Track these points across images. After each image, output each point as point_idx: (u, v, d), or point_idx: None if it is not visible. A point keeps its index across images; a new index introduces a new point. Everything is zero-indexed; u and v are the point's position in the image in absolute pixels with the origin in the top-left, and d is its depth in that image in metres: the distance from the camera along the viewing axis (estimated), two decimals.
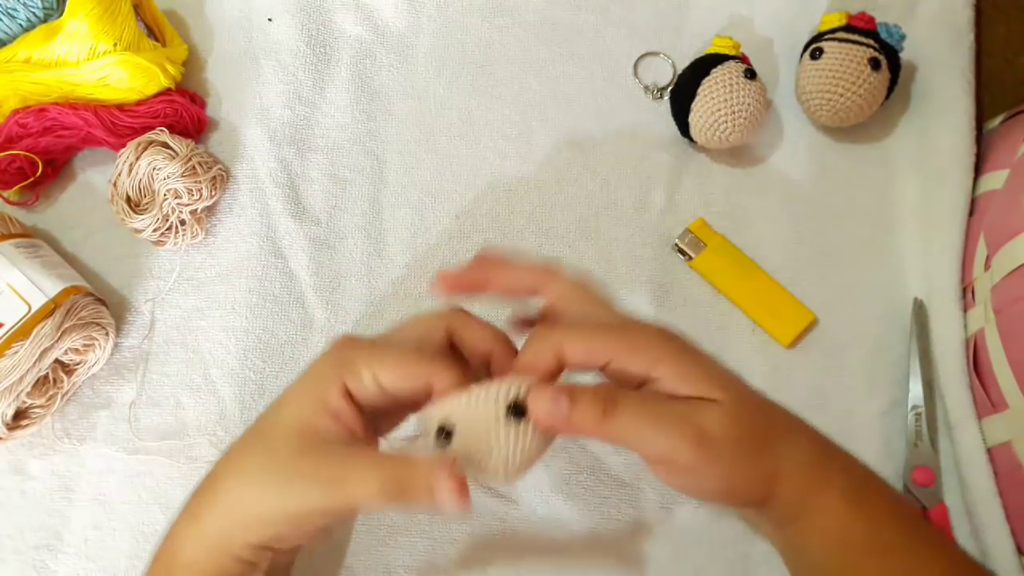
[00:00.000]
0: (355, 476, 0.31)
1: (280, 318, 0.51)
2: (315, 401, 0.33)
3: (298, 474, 0.32)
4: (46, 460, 0.48)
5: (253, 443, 0.34)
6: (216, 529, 0.33)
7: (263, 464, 0.33)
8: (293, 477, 0.32)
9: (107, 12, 0.49)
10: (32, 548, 0.46)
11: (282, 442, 0.32)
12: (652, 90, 0.55)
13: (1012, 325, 0.43)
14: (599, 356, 0.31)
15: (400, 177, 0.54)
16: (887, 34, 0.49)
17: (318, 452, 0.32)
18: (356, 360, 0.33)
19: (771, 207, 0.52)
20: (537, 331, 0.33)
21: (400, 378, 0.33)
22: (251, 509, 0.32)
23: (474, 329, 0.36)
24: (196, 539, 0.33)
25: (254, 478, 0.32)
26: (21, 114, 0.50)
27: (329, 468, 0.31)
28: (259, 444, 0.34)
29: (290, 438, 0.32)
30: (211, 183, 0.50)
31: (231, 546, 0.33)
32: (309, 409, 0.33)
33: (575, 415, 0.30)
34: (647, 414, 0.31)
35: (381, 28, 0.57)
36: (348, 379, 0.33)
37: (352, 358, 0.33)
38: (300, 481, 0.31)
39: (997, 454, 0.44)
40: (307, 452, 0.32)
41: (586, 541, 0.46)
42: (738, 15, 0.56)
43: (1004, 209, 0.46)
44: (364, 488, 0.31)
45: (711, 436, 0.30)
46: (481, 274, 0.35)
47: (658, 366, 0.31)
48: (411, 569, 0.46)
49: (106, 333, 0.48)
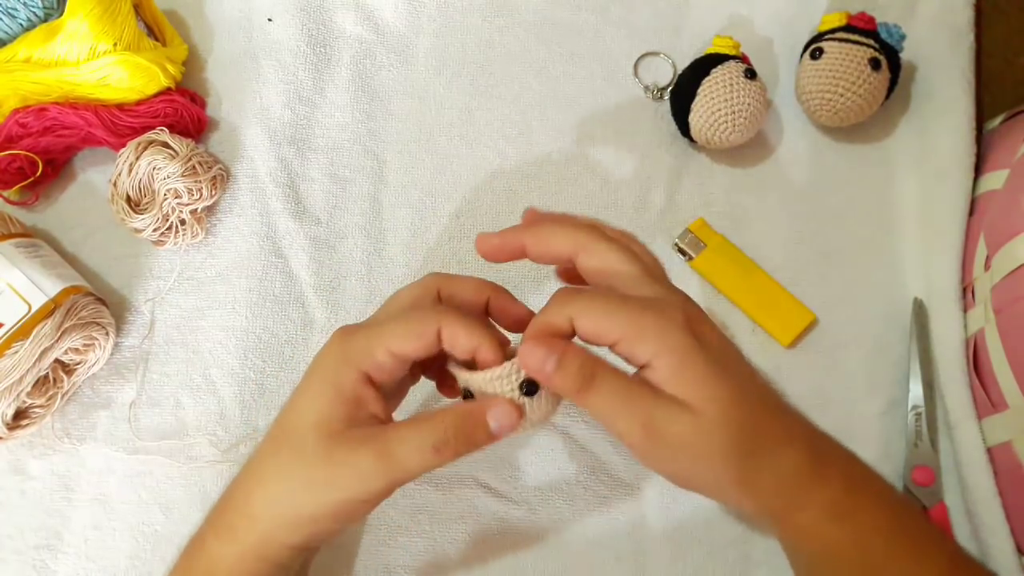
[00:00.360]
0: (402, 446, 0.31)
1: (280, 318, 0.51)
2: (333, 393, 0.33)
3: (338, 465, 0.32)
4: (46, 460, 0.48)
5: (277, 449, 0.34)
6: (255, 539, 0.33)
7: (296, 465, 0.32)
8: (334, 470, 0.32)
9: (107, 12, 0.49)
10: (32, 548, 0.46)
11: (311, 441, 0.32)
12: (652, 90, 0.55)
13: (1012, 325, 0.43)
14: (607, 337, 0.31)
15: (400, 177, 0.54)
16: (887, 34, 0.49)
17: (354, 439, 0.32)
18: (366, 343, 0.33)
19: (771, 207, 0.52)
20: (557, 296, 0.33)
21: (414, 338, 0.33)
22: (294, 511, 0.32)
23: (461, 285, 0.36)
24: (234, 553, 0.33)
25: (291, 480, 0.32)
26: (21, 114, 0.50)
27: (371, 449, 0.31)
28: (285, 448, 0.33)
29: (319, 435, 0.32)
30: (211, 183, 0.50)
31: (270, 551, 0.33)
32: (328, 402, 0.33)
33: (556, 379, 0.31)
34: (616, 397, 0.31)
35: (381, 28, 0.57)
36: (363, 363, 0.33)
37: (361, 343, 0.33)
38: (343, 472, 0.31)
39: (997, 454, 0.44)
40: (340, 443, 0.32)
41: (586, 541, 0.46)
42: (738, 15, 0.56)
43: (1004, 209, 0.46)
44: (415, 455, 0.31)
45: (666, 437, 0.30)
46: (519, 240, 0.35)
47: (657, 359, 0.31)
48: (411, 569, 0.46)
49: (106, 333, 0.48)
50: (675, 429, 0.30)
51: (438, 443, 0.31)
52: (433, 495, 0.47)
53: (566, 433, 0.48)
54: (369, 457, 0.31)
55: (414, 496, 0.47)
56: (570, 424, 0.48)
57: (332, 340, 0.35)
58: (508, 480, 0.47)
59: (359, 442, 0.32)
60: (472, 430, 0.32)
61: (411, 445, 0.31)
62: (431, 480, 0.47)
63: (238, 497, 0.34)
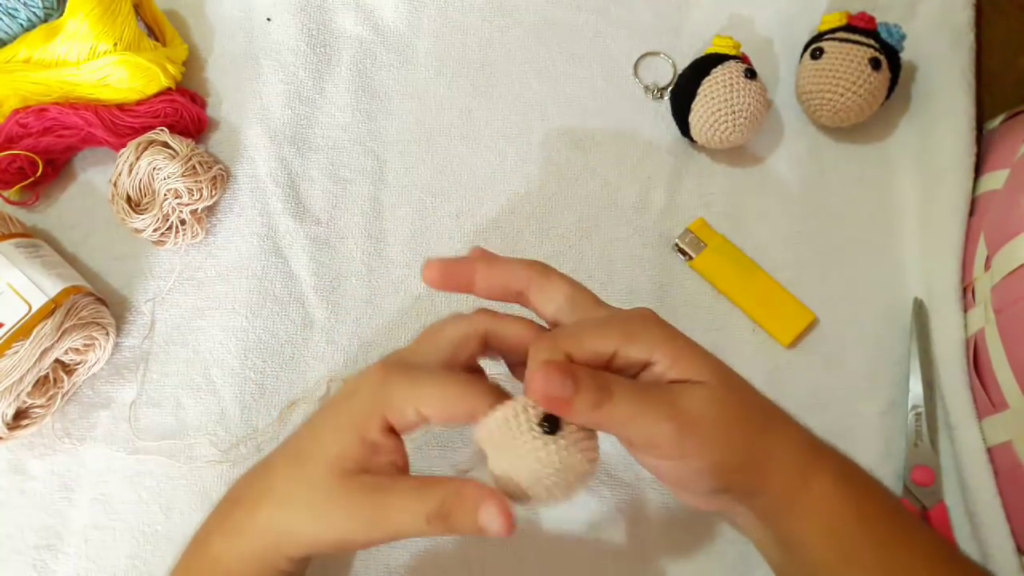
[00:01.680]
0: (397, 508, 0.32)
1: (280, 318, 0.51)
2: (355, 435, 0.33)
3: (340, 508, 0.32)
4: (46, 460, 0.48)
5: (291, 472, 0.34)
6: (260, 546, 0.34)
7: (304, 495, 0.33)
8: (335, 511, 0.32)
9: (107, 12, 0.49)
10: (32, 548, 0.46)
11: (322, 474, 0.33)
12: (652, 90, 0.55)
13: (1012, 325, 0.43)
14: (605, 349, 0.32)
15: (400, 177, 0.54)
16: (887, 34, 0.49)
17: (359, 487, 0.32)
18: (397, 394, 0.33)
19: (771, 207, 0.52)
20: (540, 343, 0.33)
21: (443, 410, 0.32)
22: (294, 535, 0.33)
23: (512, 328, 0.35)
24: (239, 555, 0.34)
25: (296, 508, 0.33)
26: (21, 114, 0.50)
27: (371, 502, 0.32)
28: (298, 473, 0.34)
29: (331, 471, 0.32)
30: (211, 183, 0.50)
31: (275, 560, 0.34)
32: (349, 442, 0.33)
33: (577, 399, 0.30)
34: (636, 397, 0.31)
35: (381, 28, 0.57)
36: (389, 414, 0.33)
37: (392, 393, 0.33)
38: (342, 515, 0.32)
39: (997, 454, 0.44)
40: (348, 486, 0.32)
41: (586, 541, 0.46)
42: (738, 15, 0.56)
43: (1004, 209, 0.46)
44: (408, 521, 0.31)
45: (694, 418, 0.31)
46: (468, 271, 0.35)
47: (655, 352, 0.32)
48: (411, 569, 0.46)
49: (106, 333, 0.48)
50: (697, 406, 0.31)
51: (431, 515, 0.31)
52: None
53: None
54: (367, 510, 0.32)
55: None
56: None
57: (373, 375, 0.34)
58: None
59: (364, 492, 0.32)
60: (461, 514, 0.31)
61: (407, 512, 0.31)
62: None
63: (247, 502, 0.35)
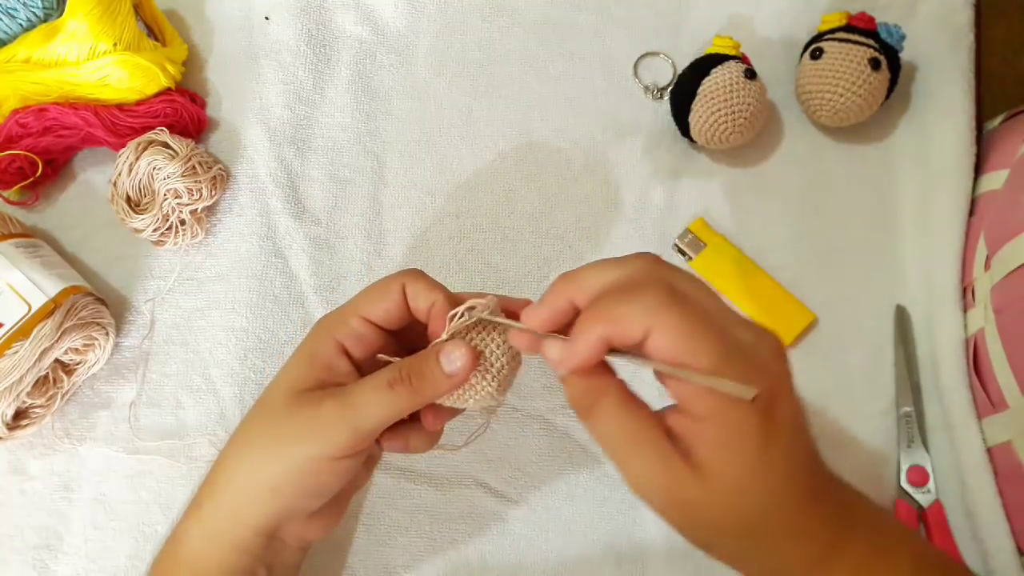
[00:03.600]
0: (359, 391, 0.32)
1: (280, 318, 0.51)
2: (307, 360, 0.34)
3: (299, 424, 0.32)
4: (46, 460, 0.48)
5: (251, 417, 0.35)
6: (221, 515, 0.33)
7: (262, 430, 0.33)
8: (296, 425, 0.32)
9: (107, 12, 0.49)
10: (32, 548, 0.46)
11: (279, 402, 0.33)
12: (652, 90, 0.55)
13: (1012, 325, 0.43)
14: None
15: (400, 177, 0.54)
16: (887, 34, 0.49)
17: (315, 397, 0.33)
18: (339, 313, 0.35)
19: (771, 207, 0.52)
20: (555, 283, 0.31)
21: (382, 298, 0.34)
22: (255, 480, 0.32)
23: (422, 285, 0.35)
24: (199, 531, 0.33)
25: (254, 446, 0.33)
26: (21, 114, 0.50)
27: (331, 401, 0.32)
28: (256, 415, 0.34)
29: (287, 395, 0.33)
30: (211, 183, 0.50)
31: (236, 535, 0.32)
32: (301, 368, 0.34)
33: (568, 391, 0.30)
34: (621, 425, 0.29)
35: (381, 28, 0.57)
36: (338, 331, 0.34)
37: (335, 315, 0.35)
38: (304, 424, 0.32)
39: (997, 454, 0.44)
40: (305, 400, 0.33)
41: (586, 541, 0.46)
42: (738, 15, 0.56)
43: (1004, 209, 0.46)
44: (370, 398, 0.32)
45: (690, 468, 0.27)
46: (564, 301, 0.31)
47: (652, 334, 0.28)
48: (411, 569, 0.46)
49: (106, 333, 0.48)
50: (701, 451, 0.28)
51: (392, 379, 0.32)
52: (433, 495, 0.47)
53: (566, 433, 0.48)
54: (329, 407, 0.32)
55: (414, 496, 0.47)
56: (570, 425, 0.48)
57: (314, 325, 0.36)
58: (508, 480, 0.47)
59: (322, 397, 0.33)
60: (423, 366, 0.32)
61: (367, 387, 0.32)
62: (431, 480, 0.47)
63: (208, 477, 0.35)
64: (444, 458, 0.47)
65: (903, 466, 0.46)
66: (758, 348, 0.28)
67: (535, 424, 0.48)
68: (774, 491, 0.27)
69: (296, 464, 0.32)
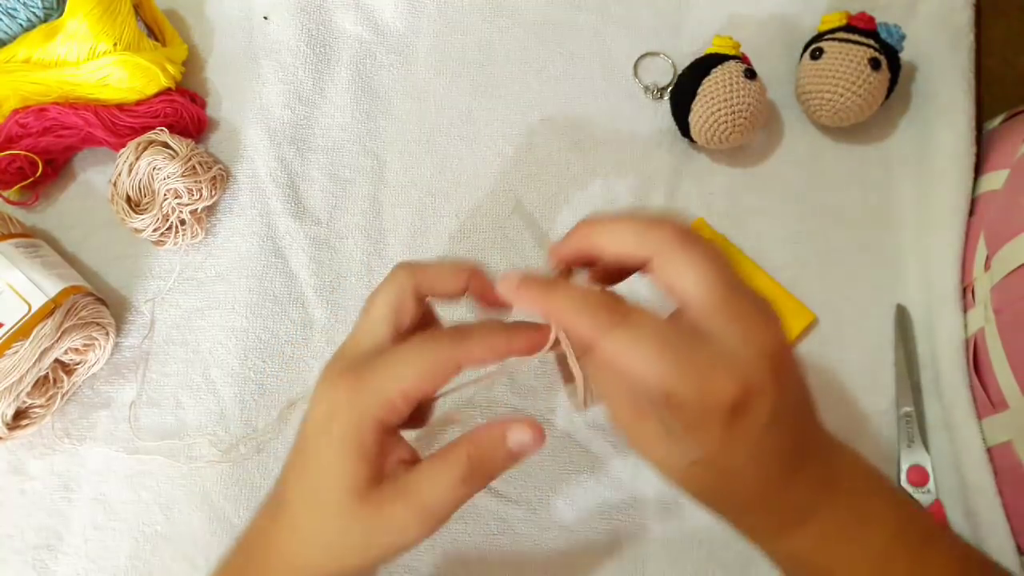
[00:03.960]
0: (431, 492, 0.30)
1: (280, 318, 0.51)
2: (357, 453, 0.30)
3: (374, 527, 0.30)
4: (46, 460, 0.48)
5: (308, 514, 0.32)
6: None
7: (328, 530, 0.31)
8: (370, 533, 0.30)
9: (107, 12, 0.49)
10: (32, 548, 0.46)
11: (342, 507, 0.30)
12: (652, 90, 0.55)
13: (1012, 325, 0.42)
14: None
15: (400, 177, 0.54)
16: (887, 34, 0.49)
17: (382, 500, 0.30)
18: (379, 389, 0.30)
19: (771, 207, 0.52)
20: None
21: (433, 378, 0.31)
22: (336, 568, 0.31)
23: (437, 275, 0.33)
24: None
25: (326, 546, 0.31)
26: (21, 114, 0.50)
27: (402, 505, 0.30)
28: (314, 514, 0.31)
29: (349, 500, 0.30)
30: (211, 183, 0.50)
31: None
32: (353, 464, 0.30)
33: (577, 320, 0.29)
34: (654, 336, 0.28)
35: (381, 28, 0.57)
36: (380, 413, 0.30)
37: (369, 393, 0.31)
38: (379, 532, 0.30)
39: (997, 454, 0.44)
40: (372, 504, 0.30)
41: (586, 541, 0.46)
42: (738, 15, 0.56)
43: (1004, 209, 0.46)
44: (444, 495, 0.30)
45: None
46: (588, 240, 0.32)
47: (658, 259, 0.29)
48: (411, 569, 0.46)
49: (106, 333, 0.48)
50: None
51: (465, 475, 0.30)
52: None
53: (566, 433, 0.48)
54: (403, 512, 0.30)
55: None
56: (570, 425, 0.48)
57: (340, 387, 0.31)
58: (508, 480, 0.47)
59: (390, 500, 0.30)
60: (494, 452, 0.31)
61: (440, 489, 0.30)
62: None
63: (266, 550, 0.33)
64: None
65: (903, 466, 0.46)
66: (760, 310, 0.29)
67: None
68: (735, 471, 0.29)
69: (373, 559, 0.31)
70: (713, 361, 0.27)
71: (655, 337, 0.28)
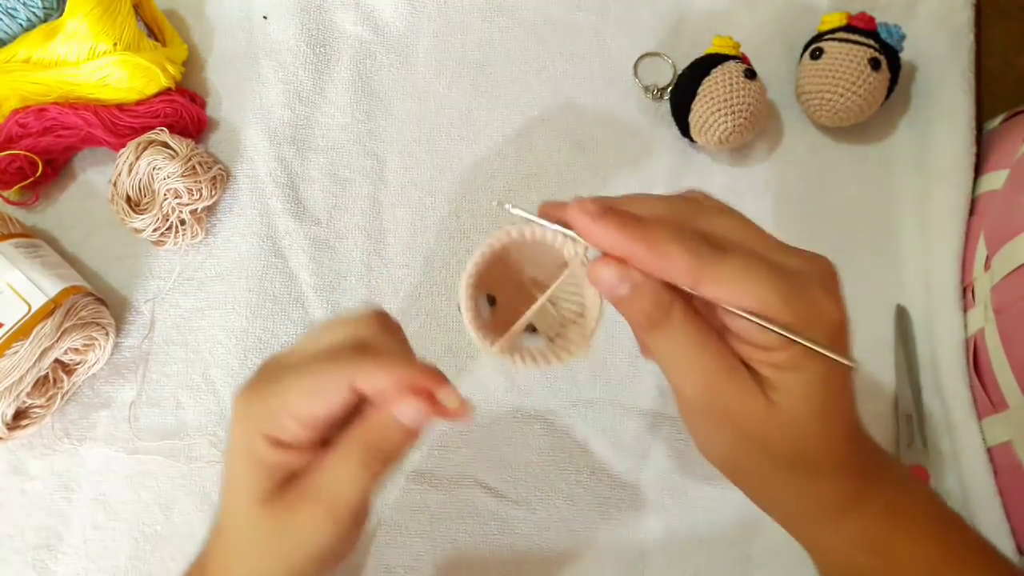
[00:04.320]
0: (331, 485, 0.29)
1: (280, 318, 0.51)
2: (251, 465, 0.30)
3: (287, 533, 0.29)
4: (46, 460, 0.48)
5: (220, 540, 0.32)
6: None
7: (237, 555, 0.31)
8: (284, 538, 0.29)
9: (107, 12, 0.49)
10: (32, 548, 0.46)
11: (250, 520, 0.30)
12: (652, 90, 0.55)
13: (1012, 325, 0.43)
14: None
15: (400, 177, 0.54)
16: (887, 34, 0.49)
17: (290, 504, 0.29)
18: (264, 408, 0.29)
19: (771, 207, 0.52)
20: None
21: (320, 397, 0.29)
22: None
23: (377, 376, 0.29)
24: None
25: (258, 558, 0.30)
26: (21, 114, 0.50)
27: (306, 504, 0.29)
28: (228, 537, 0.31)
29: (255, 510, 0.30)
30: (211, 183, 0.50)
31: None
32: (250, 476, 0.30)
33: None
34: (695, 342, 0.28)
35: (381, 28, 0.57)
36: (269, 430, 0.29)
37: (258, 408, 0.30)
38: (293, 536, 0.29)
39: (997, 454, 0.44)
40: (279, 510, 0.29)
41: (586, 541, 0.46)
42: (738, 15, 0.56)
43: (1004, 209, 0.46)
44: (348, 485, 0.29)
45: None
46: None
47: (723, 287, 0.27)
48: (411, 569, 0.46)
49: (106, 333, 0.48)
50: None
51: (363, 461, 0.29)
52: (433, 495, 0.47)
53: (566, 433, 0.48)
54: (311, 511, 0.29)
55: (414, 496, 0.47)
56: (570, 425, 0.48)
57: (237, 402, 0.31)
58: (508, 480, 0.47)
59: (295, 502, 0.29)
60: (384, 432, 0.29)
61: (341, 481, 0.29)
62: (431, 480, 0.47)
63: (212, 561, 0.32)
64: (444, 458, 0.47)
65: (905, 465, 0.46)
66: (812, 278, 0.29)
67: (535, 424, 0.48)
68: (831, 433, 0.28)
69: (301, 565, 0.30)
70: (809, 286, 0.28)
71: (764, 265, 0.28)
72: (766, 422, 0.28)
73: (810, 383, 0.28)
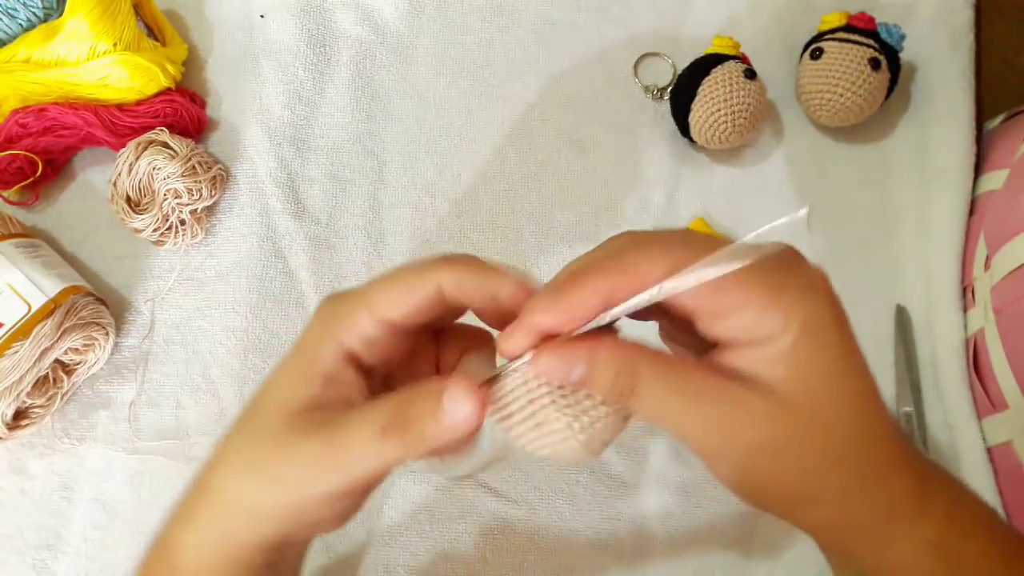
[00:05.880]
0: (344, 434, 0.26)
1: (280, 318, 0.51)
2: (303, 368, 0.28)
3: (287, 454, 0.26)
4: (46, 460, 0.48)
5: (239, 432, 0.29)
6: (217, 534, 0.29)
7: (251, 454, 0.28)
8: (283, 463, 0.27)
9: (107, 12, 0.49)
10: (32, 548, 0.46)
11: (269, 426, 0.27)
12: (652, 90, 0.55)
13: (1012, 325, 0.43)
14: None
15: (400, 177, 0.54)
16: (887, 34, 0.49)
17: (307, 425, 0.27)
18: (348, 310, 0.27)
19: (771, 207, 0.52)
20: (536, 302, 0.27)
21: (407, 296, 0.27)
22: (248, 507, 0.28)
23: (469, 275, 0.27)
24: (196, 544, 0.30)
25: (244, 472, 0.28)
26: (21, 114, 0.50)
27: (319, 437, 0.26)
28: (245, 432, 0.29)
29: (279, 419, 0.27)
30: (211, 183, 0.50)
31: (238, 552, 0.29)
32: (297, 381, 0.28)
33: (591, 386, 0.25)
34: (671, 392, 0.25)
35: (381, 28, 0.57)
36: (344, 335, 0.27)
37: (342, 309, 0.28)
38: (290, 462, 0.26)
39: (997, 454, 0.44)
40: (296, 428, 0.27)
41: (586, 541, 0.46)
42: (738, 15, 0.56)
43: (1004, 209, 0.46)
44: (359, 445, 0.25)
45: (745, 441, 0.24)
46: None
47: None
48: (411, 569, 0.46)
49: (106, 333, 0.48)
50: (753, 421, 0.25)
51: (386, 425, 0.25)
52: (433, 495, 0.47)
53: None
54: (318, 446, 0.26)
55: (414, 496, 0.47)
56: None
57: (317, 310, 0.29)
58: (508, 480, 0.47)
59: (314, 428, 0.26)
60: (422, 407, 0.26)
61: (358, 430, 0.26)
62: (431, 480, 0.47)
63: (199, 484, 0.30)
64: None
65: None
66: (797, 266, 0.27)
67: None
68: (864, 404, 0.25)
69: (286, 500, 0.27)
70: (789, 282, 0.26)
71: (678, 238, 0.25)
72: (795, 438, 0.24)
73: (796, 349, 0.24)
